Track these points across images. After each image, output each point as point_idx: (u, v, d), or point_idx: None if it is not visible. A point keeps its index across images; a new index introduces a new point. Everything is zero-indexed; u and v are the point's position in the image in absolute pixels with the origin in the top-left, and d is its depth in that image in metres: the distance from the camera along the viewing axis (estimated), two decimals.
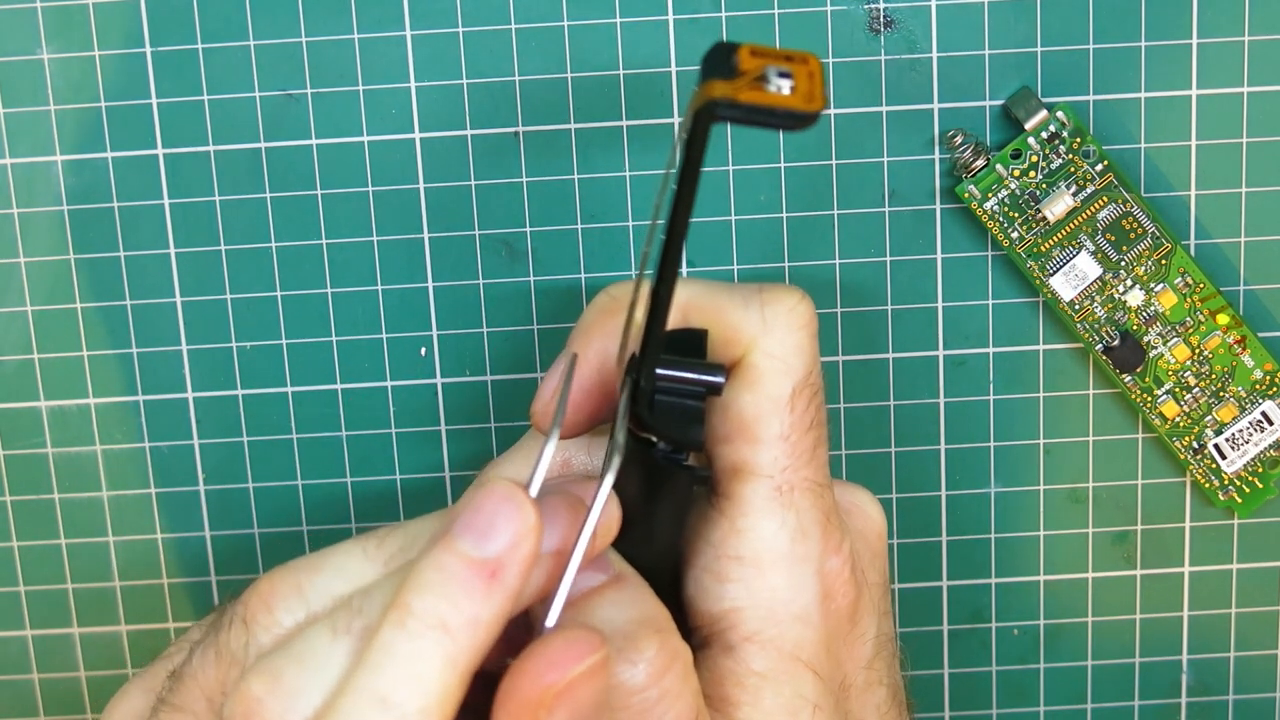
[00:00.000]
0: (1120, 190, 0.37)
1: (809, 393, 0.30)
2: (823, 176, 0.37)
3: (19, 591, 0.40)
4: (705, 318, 0.30)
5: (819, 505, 0.30)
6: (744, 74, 0.25)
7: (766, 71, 0.25)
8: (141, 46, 0.37)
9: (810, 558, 0.30)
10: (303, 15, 0.36)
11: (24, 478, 0.39)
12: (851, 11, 0.36)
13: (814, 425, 0.30)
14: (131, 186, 0.37)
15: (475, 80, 0.37)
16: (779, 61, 0.25)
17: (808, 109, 0.24)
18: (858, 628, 0.31)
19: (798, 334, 0.30)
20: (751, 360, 0.30)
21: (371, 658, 0.26)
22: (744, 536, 0.30)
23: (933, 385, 0.39)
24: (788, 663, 0.30)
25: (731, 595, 0.30)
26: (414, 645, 0.26)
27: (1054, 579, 0.40)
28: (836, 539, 0.31)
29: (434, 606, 0.26)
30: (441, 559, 0.26)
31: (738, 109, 0.24)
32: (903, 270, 0.38)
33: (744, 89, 0.24)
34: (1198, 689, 0.40)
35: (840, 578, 0.31)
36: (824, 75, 0.25)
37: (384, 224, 0.38)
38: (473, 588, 0.26)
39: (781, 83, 0.25)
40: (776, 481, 0.30)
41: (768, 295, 0.30)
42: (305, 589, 0.29)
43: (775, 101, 0.24)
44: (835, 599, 0.31)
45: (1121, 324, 0.37)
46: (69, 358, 0.38)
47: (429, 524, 0.29)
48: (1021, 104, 0.36)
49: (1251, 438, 0.38)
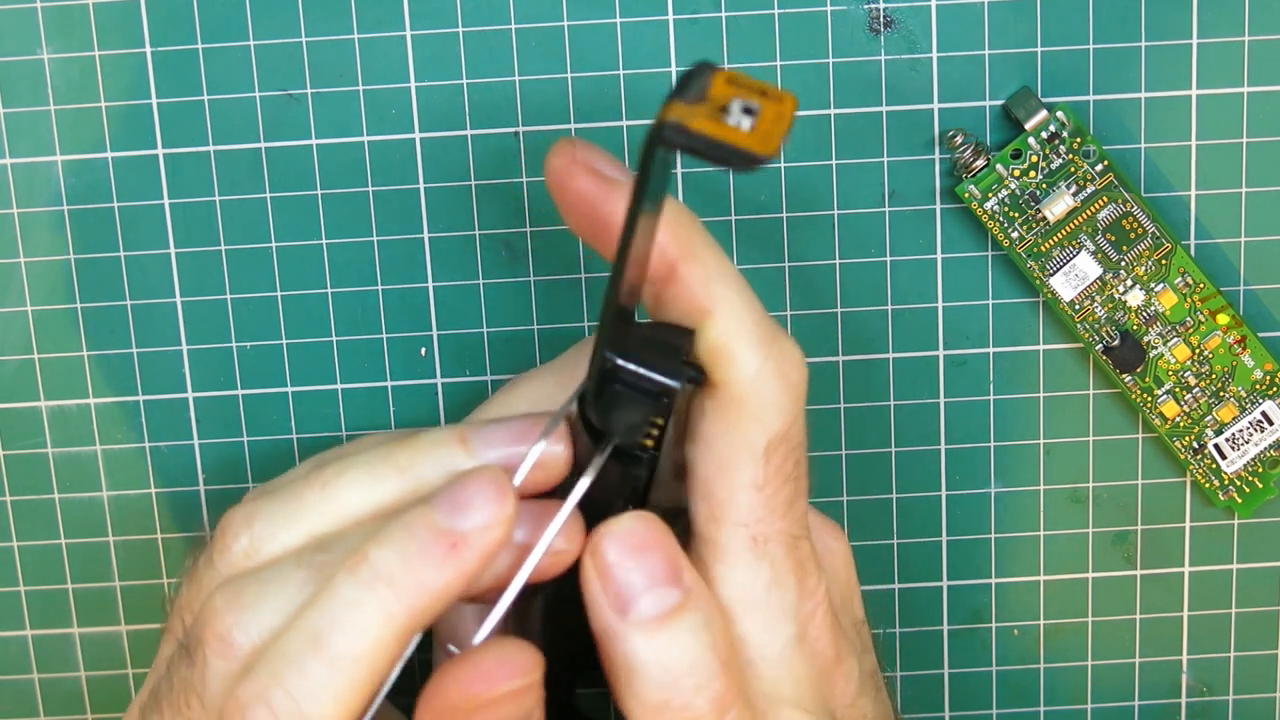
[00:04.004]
0: (1120, 190, 0.37)
1: (785, 448, 0.29)
2: (823, 176, 0.37)
3: (19, 591, 0.40)
4: (716, 330, 0.29)
5: (794, 556, 0.30)
6: (709, 100, 0.24)
7: (731, 103, 0.24)
8: (141, 46, 0.37)
9: (786, 605, 0.30)
10: (303, 15, 0.36)
11: (24, 478, 0.39)
12: (851, 11, 0.36)
13: (790, 479, 0.30)
14: (131, 186, 0.37)
15: (475, 80, 0.37)
16: (751, 95, 0.24)
17: (759, 151, 0.23)
18: (841, 667, 0.31)
19: (783, 395, 0.29)
20: (733, 402, 0.29)
21: (319, 595, 0.27)
22: (719, 583, 0.30)
23: (933, 385, 0.39)
24: (764, 702, 0.30)
25: None
26: (358, 593, 0.27)
27: (1054, 579, 0.40)
28: (812, 585, 0.31)
29: (388, 561, 0.27)
30: (411, 520, 0.27)
31: (686, 136, 0.23)
32: (903, 270, 0.38)
33: (700, 117, 0.23)
34: (1197, 689, 0.40)
35: (816, 621, 0.31)
36: (792, 120, 0.24)
37: (384, 224, 0.38)
38: (430, 554, 0.27)
39: (743, 119, 0.23)
40: (751, 531, 0.30)
41: (772, 349, 0.29)
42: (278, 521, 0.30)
43: (727, 137, 0.23)
44: (813, 640, 0.31)
45: (1121, 324, 0.37)
46: (69, 358, 0.38)
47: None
48: (1021, 104, 0.36)
49: (1251, 438, 0.38)
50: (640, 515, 0.28)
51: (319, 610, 0.27)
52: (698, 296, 0.29)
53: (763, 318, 0.29)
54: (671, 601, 0.28)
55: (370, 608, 0.27)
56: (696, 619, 0.28)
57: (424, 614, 0.27)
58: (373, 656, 0.27)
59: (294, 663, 0.27)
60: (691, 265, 0.29)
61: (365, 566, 0.27)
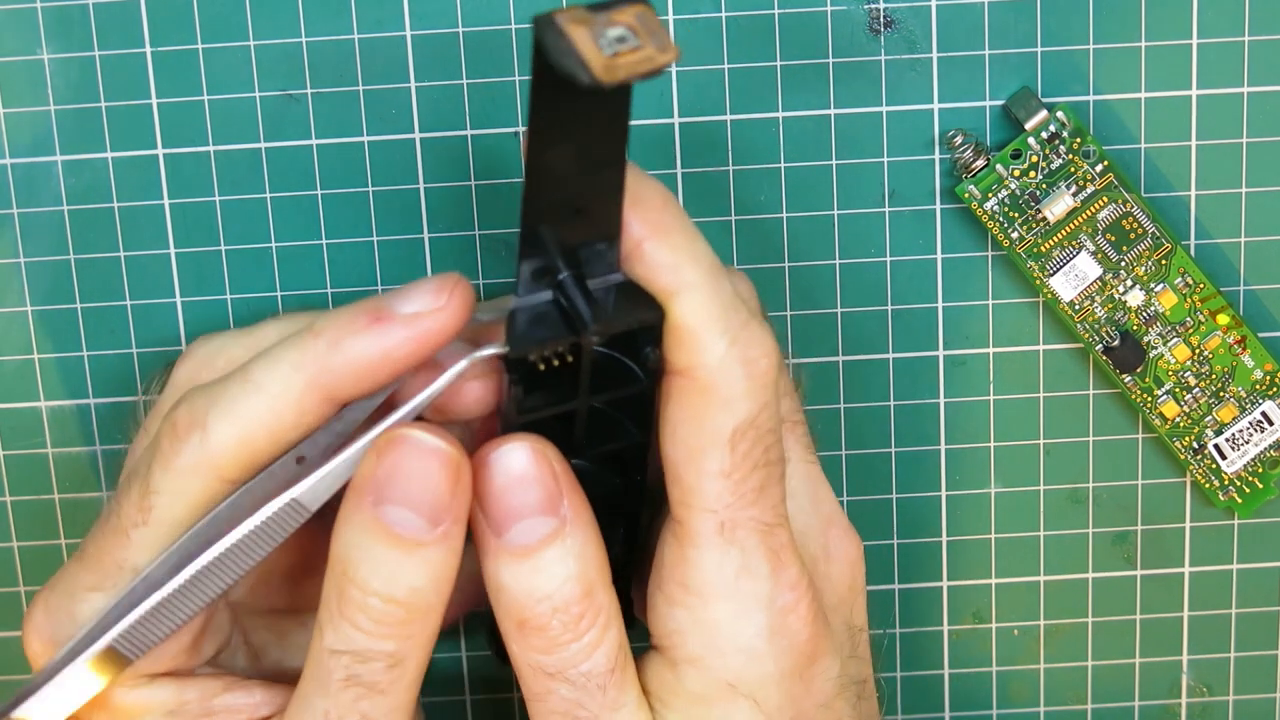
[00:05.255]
0: (1120, 190, 0.37)
1: (754, 434, 0.29)
2: (823, 176, 0.37)
3: (19, 592, 0.40)
4: (679, 314, 0.29)
5: (767, 544, 0.30)
6: (605, 19, 0.24)
7: (616, 29, 0.24)
8: (141, 46, 0.37)
9: (758, 594, 0.30)
10: (303, 15, 0.36)
11: (24, 478, 0.39)
12: (851, 11, 0.36)
13: (760, 466, 0.30)
14: (131, 186, 0.37)
15: (475, 80, 0.37)
16: (640, 34, 0.24)
17: (594, 71, 0.23)
18: (816, 665, 0.31)
19: (749, 382, 0.29)
20: (698, 388, 0.29)
21: (264, 342, 0.31)
22: (690, 566, 0.30)
23: (933, 385, 0.39)
24: (722, 690, 0.30)
25: (677, 619, 0.31)
26: (290, 342, 0.29)
27: (1054, 579, 0.40)
28: (791, 576, 0.31)
29: (323, 323, 0.29)
30: (364, 305, 0.29)
31: (552, 29, 0.23)
32: (903, 270, 0.38)
33: (580, 24, 0.23)
34: (1197, 689, 0.40)
35: (794, 614, 0.31)
36: (652, 71, 0.24)
37: (384, 224, 0.38)
38: (357, 322, 0.29)
39: (613, 44, 0.23)
40: (720, 517, 0.30)
41: (740, 334, 0.29)
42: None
43: (579, 46, 0.23)
44: (788, 634, 0.30)
45: (1121, 324, 0.37)
46: (69, 358, 0.38)
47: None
48: (1021, 104, 0.36)
49: (1251, 438, 0.38)
50: (525, 444, 0.29)
51: (261, 353, 0.30)
52: (663, 279, 0.29)
53: (732, 302, 0.29)
54: (542, 532, 0.29)
55: (294, 351, 0.29)
56: (564, 548, 0.29)
57: (339, 375, 0.29)
58: (282, 395, 0.29)
59: (218, 385, 0.30)
60: (658, 245, 0.28)
61: (312, 325, 0.29)
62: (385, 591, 0.29)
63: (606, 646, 0.30)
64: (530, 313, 0.29)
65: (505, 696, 0.40)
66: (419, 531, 0.28)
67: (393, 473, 0.29)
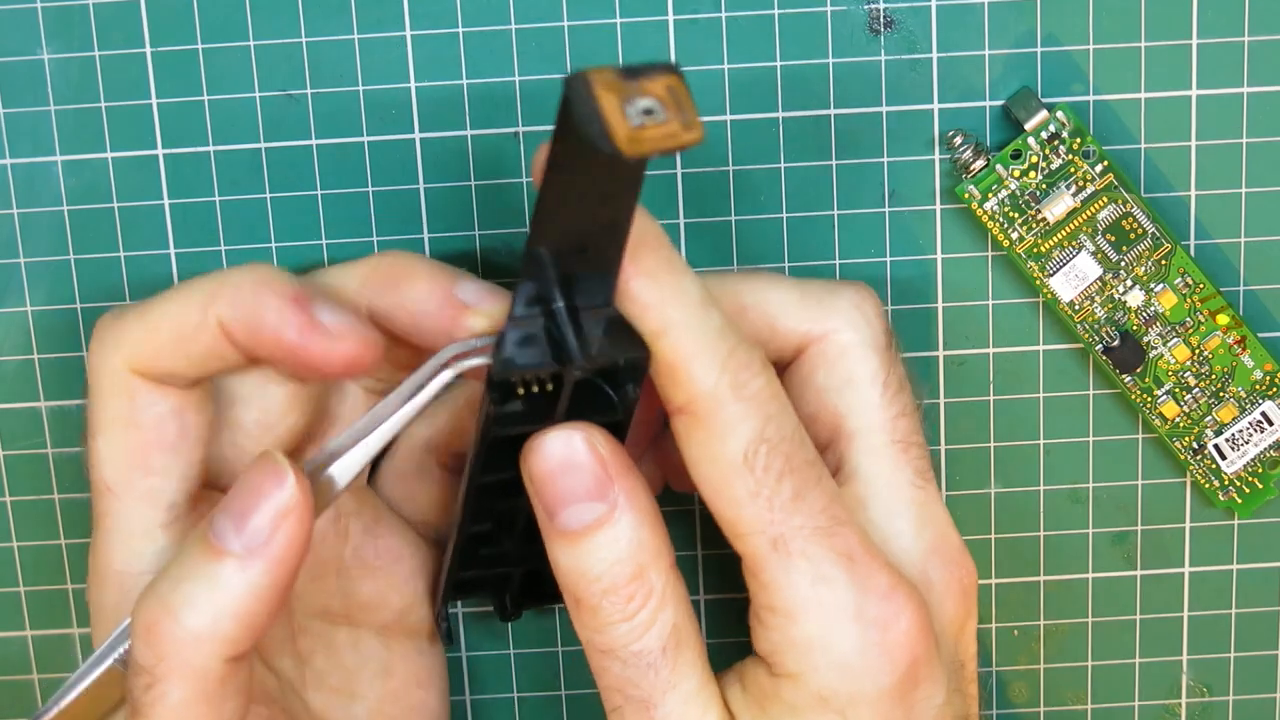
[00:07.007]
0: (1120, 190, 0.37)
1: (765, 449, 0.29)
2: (823, 176, 0.37)
3: (19, 592, 0.40)
4: (666, 351, 0.29)
5: (831, 546, 0.30)
6: (636, 86, 0.24)
7: (645, 100, 0.24)
8: (141, 46, 0.37)
9: (841, 604, 0.30)
10: (303, 15, 0.36)
11: (24, 478, 0.39)
12: (851, 11, 0.36)
13: (786, 474, 0.30)
14: (131, 186, 0.37)
15: (475, 80, 0.37)
16: (669, 107, 0.24)
17: (617, 142, 0.24)
18: (919, 690, 0.31)
19: (743, 404, 0.29)
20: (698, 422, 0.30)
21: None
22: (765, 590, 0.30)
23: (933, 385, 0.39)
24: (814, 702, 0.30)
25: (772, 641, 0.31)
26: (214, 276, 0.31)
27: (1054, 579, 0.40)
28: (881, 585, 0.30)
29: (264, 272, 0.31)
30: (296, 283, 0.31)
31: (583, 90, 0.24)
32: (903, 270, 0.38)
33: (610, 90, 0.24)
34: (1197, 689, 0.40)
35: (893, 629, 0.30)
36: (676, 149, 0.24)
37: (384, 224, 0.38)
38: (284, 291, 0.30)
39: (639, 115, 0.24)
40: (768, 535, 0.30)
41: (729, 362, 0.29)
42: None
43: (606, 113, 0.24)
44: (887, 651, 0.30)
45: (1121, 324, 0.37)
46: (69, 358, 0.38)
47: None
48: (1021, 104, 0.36)
49: (1251, 438, 0.38)
50: (573, 431, 0.30)
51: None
52: (649, 318, 0.29)
53: (720, 332, 0.29)
54: (590, 517, 0.30)
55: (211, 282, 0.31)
56: (614, 532, 0.30)
57: (240, 319, 0.30)
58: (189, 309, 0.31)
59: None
60: (644, 285, 0.29)
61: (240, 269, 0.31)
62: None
63: (659, 628, 0.30)
64: (521, 335, 0.29)
65: (506, 696, 0.40)
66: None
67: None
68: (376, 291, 0.32)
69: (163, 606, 0.29)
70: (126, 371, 0.32)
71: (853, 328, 0.33)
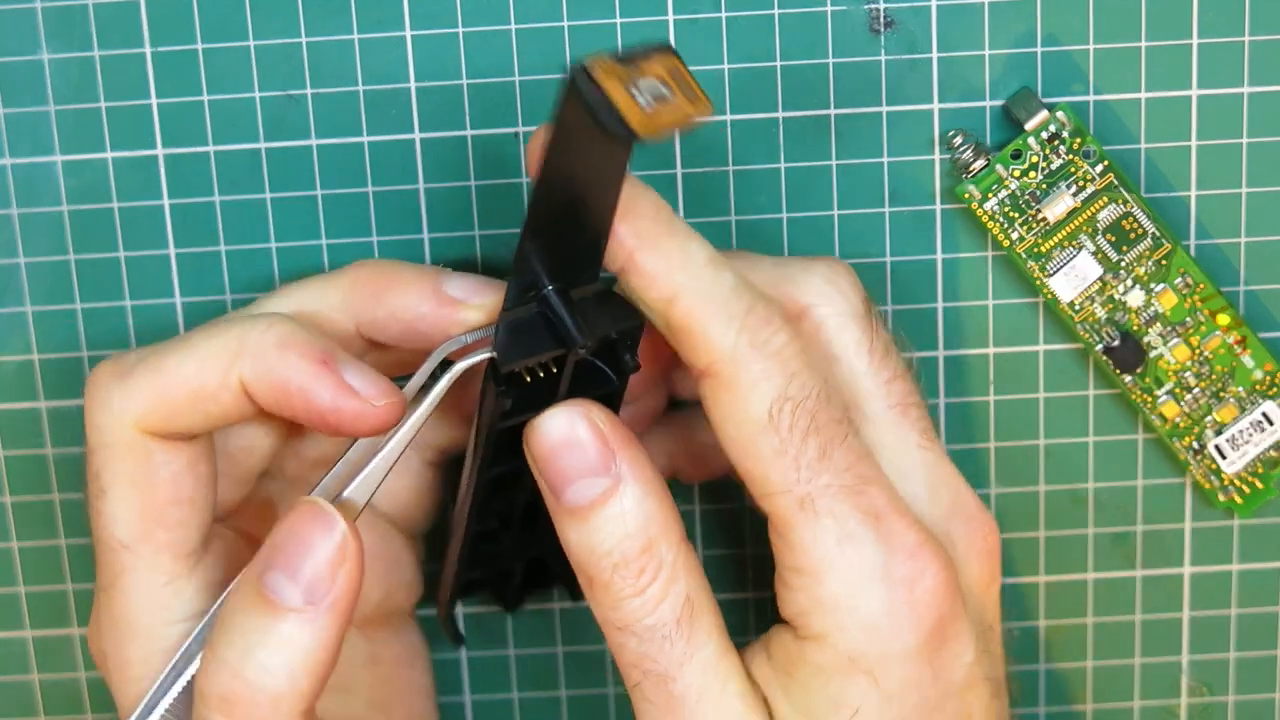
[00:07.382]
0: (1120, 190, 0.37)
1: (790, 406, 0.29)
2: (823, 176, 0.37)
3: (19, 592, 0.40)
4: (679, 315, 0.29)
5: (857, 505, 0.30)
6: (636, 69, 0.24)
7: (649, 81, 0.24)
8: (141, 46, 0.37)
9: (868, 562, 0.30)
10: (303, 15, 0.36)
11: (24, 478, 0.39)
12: (851, 11, 0.36)
13: (811, 432, 0.30)
14: (131, 187, 0.37)
15: (475, 80, 0.37)
16: (673, 86, 0.24)
17: (633, 126, 0.24)
18: (946, 648, 0.31)
19: (766, 361, 0.29)
20: (721, 384, 0.30)
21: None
22: (791, 550, 0.30)
23: (933, 385, 0.39)
24: (842, 663, 0.30)
25: (799, 602, 0.31)
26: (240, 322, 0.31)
27: (1054, 579, 0.40)
28: (908, 543, 0.30)
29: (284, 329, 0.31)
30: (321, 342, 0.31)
31: (587, 81, 0.24)
32: (903, 270, 0.38)
33: (612, 76, 0.24)
34: (1198, 689, 0.40)
35: (919, 586, 0.30)
36: (689, 125, 0.25)
37: (384, 224, 0.38)
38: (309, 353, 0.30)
39: (647, 98, 0.24)
40: (795, 494, 0.30)
41: (747, 320, 0.29)
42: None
43: (617, 100, 0.24)
44: (914, 609, 0.30)
45: (1121, 324, 0.37)
46: (69, 358, 0.38)
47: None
48: (1021, 104, 0.36)
49: (1252, 438, 0.38)
50: (569, 409, 0.30)
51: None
52: (657, 286, 0.29)
53: (734, 291, 0.29)
54: (594, 492, 0.30)
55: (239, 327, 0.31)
56: (619, 506, 0.30)
57: (263, 378, 0.30)
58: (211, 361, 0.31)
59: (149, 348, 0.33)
60: (648, 254, 0.29)
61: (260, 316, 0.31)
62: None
63: (672, 600, 0.30)
64: (518, 323, 0.29)
65: (505, 697, 0.40)
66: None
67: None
68: (363, 307, 0.32)
69: (236, 677, 0.29)
70: (136, 431, 0.31)
71: (828, 301, 0.33)
